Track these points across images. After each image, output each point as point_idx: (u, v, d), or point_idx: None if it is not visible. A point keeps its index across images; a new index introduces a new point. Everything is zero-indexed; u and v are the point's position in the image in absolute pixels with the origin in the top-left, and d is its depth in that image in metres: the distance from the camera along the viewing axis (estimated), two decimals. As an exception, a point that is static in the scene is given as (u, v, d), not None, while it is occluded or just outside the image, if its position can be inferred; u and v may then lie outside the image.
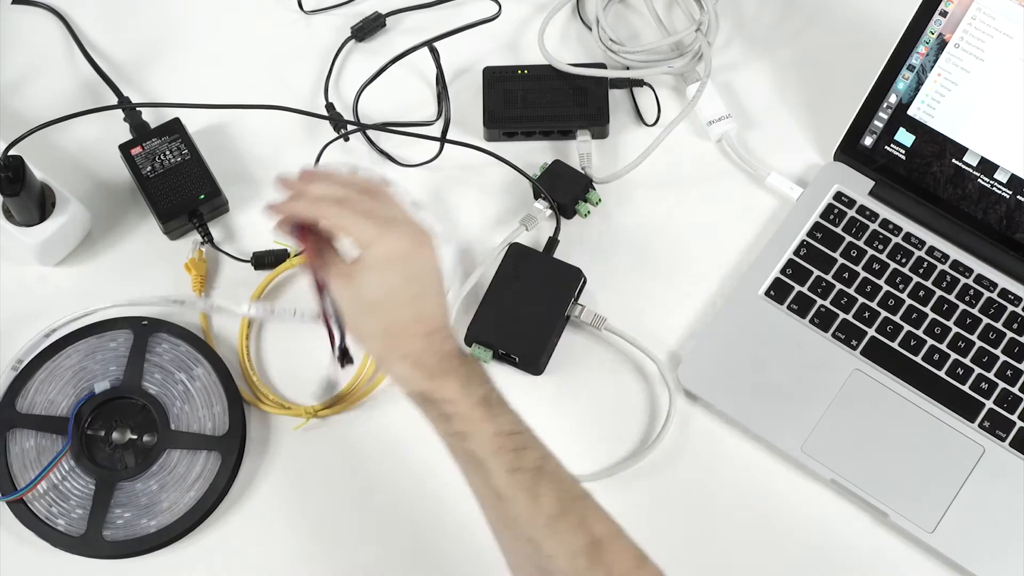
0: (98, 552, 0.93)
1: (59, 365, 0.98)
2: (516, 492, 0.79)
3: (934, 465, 0.96)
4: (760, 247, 1.04)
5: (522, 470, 0.79)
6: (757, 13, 1.16)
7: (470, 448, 0.80)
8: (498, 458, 0.79)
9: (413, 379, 0.82)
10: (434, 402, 0.81)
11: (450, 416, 0.81)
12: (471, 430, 0.80)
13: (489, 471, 0.79)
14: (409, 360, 0.82)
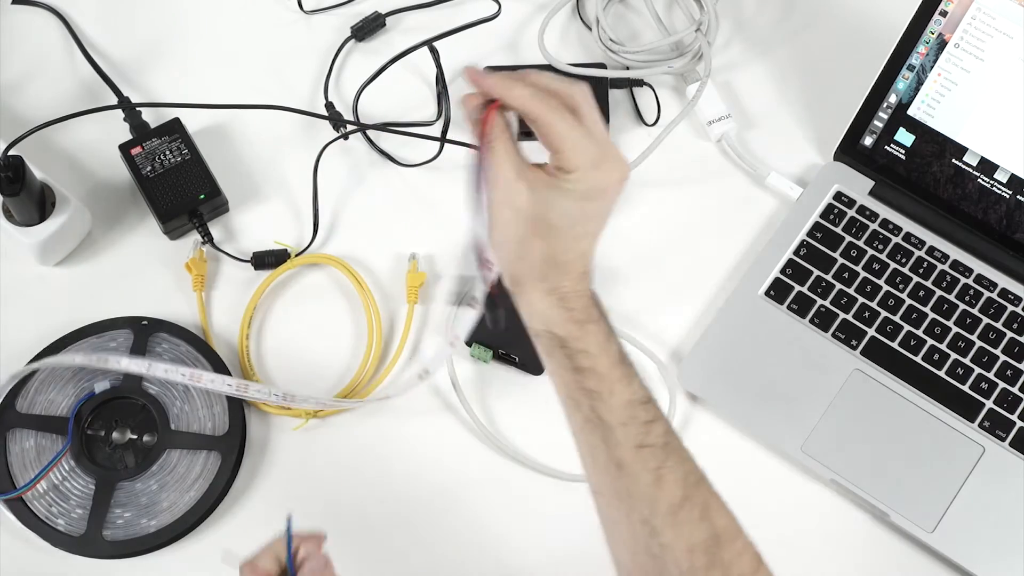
0: (98, 552, 0.93)
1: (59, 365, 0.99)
2: (640, 469, 0.73)
3: (934, 465, 0.96)
4: (760, 247, 1.04)
5: (650, 447, 0.73)
6: (757, 13, 1.16)
7: (599, 410, 0.74)
8: (627, 429, 0.73)
9: (555, 319, 0.75)
10: (570, 351, 0.75)
11: (585, 370, 0.74)
12: (605, 391, 0.74)
13: (616, 441, 0.73)
14: (556, 296, 0.75)
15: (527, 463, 0.98)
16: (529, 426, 0.99)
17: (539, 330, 0.76)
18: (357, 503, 0.96)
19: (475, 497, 0.97)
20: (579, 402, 0.75)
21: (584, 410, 0.75)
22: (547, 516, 0.96)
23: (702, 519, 0.73)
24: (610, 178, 0.74)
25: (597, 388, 0.74)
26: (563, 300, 0.74)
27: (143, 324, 1.00)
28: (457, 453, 0.98)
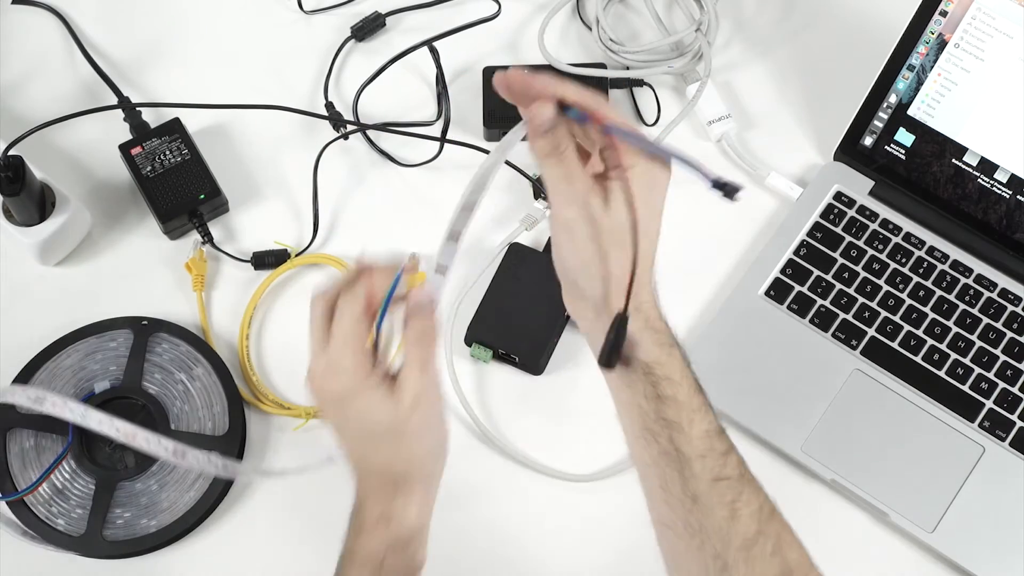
0: (98, 552, 0.93)
1: (59, 365, 0.98)
2: (716, 503, 0.70)
3: (934, 465, 0.96)
4: (760, 247, 1.04)
5: (726, 479, 0.71)
6: (757, 13, 1.16)
7: (678, 442, 0.70)
8: (705, 462, 0.70)
9: (643, 343, 0.71)
10: (655, 378, 0.71)
11: (667, 399, 0.71)
12: (685, 421, 0.70)
13: (693, 474, 0.70)
14: (642, 317, 0.71)
15: (527, 463, 0.98)
16: (529, 426, 0.99)
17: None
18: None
19: (475, 497, 0.97)
20: (656, 434, 0.71)
21: (662, 442, 0.71)
22: (547, 516, 0.96)
23: (774, 554, 0.70)
24: (662, 169, 0.70)
25: (677, 418, 0.71)
26: (648, 321, 0.71)
27: (143, 324, 1.00)
28: (457, 453, 0.98)
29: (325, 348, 0.71)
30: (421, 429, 0.72)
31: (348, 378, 0.71)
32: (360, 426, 0.72)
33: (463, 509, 0.96)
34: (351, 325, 0.71)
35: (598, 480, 0.97)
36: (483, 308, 1.01)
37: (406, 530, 0.73)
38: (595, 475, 0.97)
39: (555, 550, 0.95)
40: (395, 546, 0.73)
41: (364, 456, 0.74)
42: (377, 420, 0.71)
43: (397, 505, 0.73)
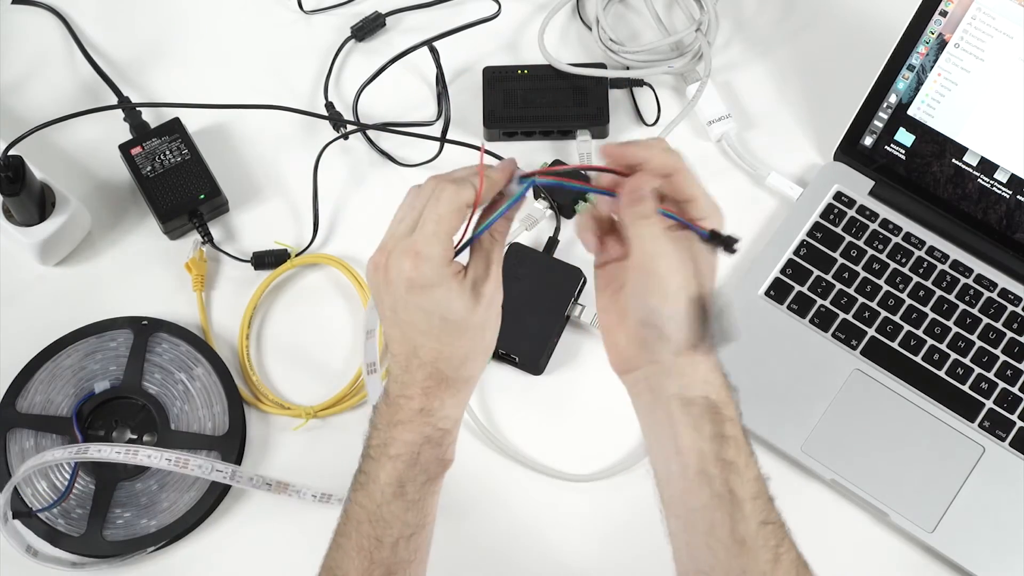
0: (98, 552, 0.93)
1: (59, 365, 0.98)
2: (761, 547, 0.71)
3: (934, 465, 0.96)
4: (760, 247, 1.04)
5: (773, 523, 0.71)
6: (757, 13, 1.16)
7: (732, 484, 0.71)
8: (756, 504, 0.71)
9: (715, 383, 0.72)
10: (720, 418, 0.72)
11: (728, 439, 0.71)
12: (741, 462, 0.71)
13: (744, 516, 0.71)
14: (713, 358, 0.73)
15: (527, 463, 0.98)
16: (529, 426, 0.99)
17: (694, 397, 0.72)
18: (357, 503, 0.96)
19: (475, 496, 0.97)
20: (712, 477, 0.71)
21: (716, 485, 0.71)
22: (546, 516, 0.96)
23: None
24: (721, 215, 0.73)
25: (735, 459, 0.71)
26: (716, 361, 0.73)
27: (143, 324, 1.00)
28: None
29: (411, 230, 0.72)
30: (484, 327, 0.74)
31: (431, 267, 0.71)
32: (428, 316, 0.73)
33: (463, 508, 0.96)
34: (449, 213, 0.72)
35: (598, 480, 0.97)
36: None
37: (442, 426, 0.75)
38: (595, 475, 0.97)
39: (555, 550, 0.95)
40: (430, 441, 0.75)
41: (418, 346, 0.74)
42: (453, 310, 0.72)
43: (438, 401, 0.74)
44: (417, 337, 0.73)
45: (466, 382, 0.76)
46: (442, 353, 0.74)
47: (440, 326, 0.73)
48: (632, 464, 0.97)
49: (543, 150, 1.10)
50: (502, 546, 0.95)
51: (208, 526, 0.95)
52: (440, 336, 0.73)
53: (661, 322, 0.72)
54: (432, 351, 0.73)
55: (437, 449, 0.75)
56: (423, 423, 0.74)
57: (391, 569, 0.74)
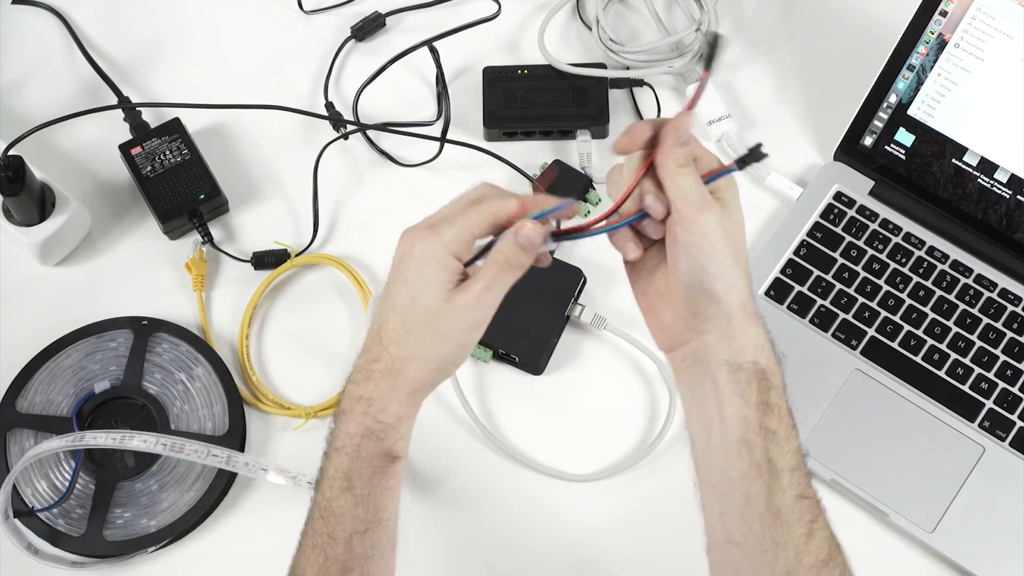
0: (98, 552, 0.93)
1: (59, 365, 0.98)
2: (796, 521, 0.71)
3: (934, 465, 0.96)
4: (760, 247, 1.04)
5: (809, 498, 0.72)
6: (757, 13, 1.16)
7: (772, 454, 0.71)
8: (794, 476, 0.71)
9: (764, 348, 0.72)
10: (767, 384, 0.71)
11: (772, 407, 0.71)
12: (783, 432, 0.71)
13: (781, 486, 0.71)
14: (761, 325, 0.72)
15: (527, 463, 0.98)
16: (529, 426, 0.99)
17: (743, 362, 0.72)
18: (357, 503, 0.96)
19: (474, 496, 0.97)
20: (753, 445, 0.71)
21: (756, 454, 0.71)
22: (546, 516, 0.96)
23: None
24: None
25: (777, 428, 0.71)
26: (763, 330, 0.72)
27: (143, 324, 1.00)
28: (457, 453, 0.98)
29: (445, 214, 0.73)
30: (445, 335, 0.73)
31: (436, 244, 0.72)
32: (407, 290, 0.72)
33: (463, 508, 0.96)
34: (480, 214, 0.72)
35: (598, 480, 0.97)
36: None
37: (383, 419, 0.73)
38: (595, 475, 0.97)
39: (554, 549, 0.95)
40: (372, 434, 0.73)
41: (385, 323, 0.73)
42: (424, 297, 0.72)
43: (379, 391, 0.73)
44: (389, 313, 0.73)
45: (409, 382, 0.74)
46: (399, 340, 0.73)
47: (409, 307, 0.72)
48: (632, 464, 0.97)
49: (543, 150, 1.10)
50: (502, 546, 0.95)
51: (208, 526, 0.95)
52: (405, 319, 0.73)
53: (711, 281, 0.71)
54: (392, 332, 0.73)
55: (379, 443, 0.74)
56: (363, 413, 0.74)
57: (347, 565, 0.73)
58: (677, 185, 0.71)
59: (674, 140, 0.70)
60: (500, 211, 0.72)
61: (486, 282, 0.72)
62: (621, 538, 0.95)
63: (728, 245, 0.70)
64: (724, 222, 0.71)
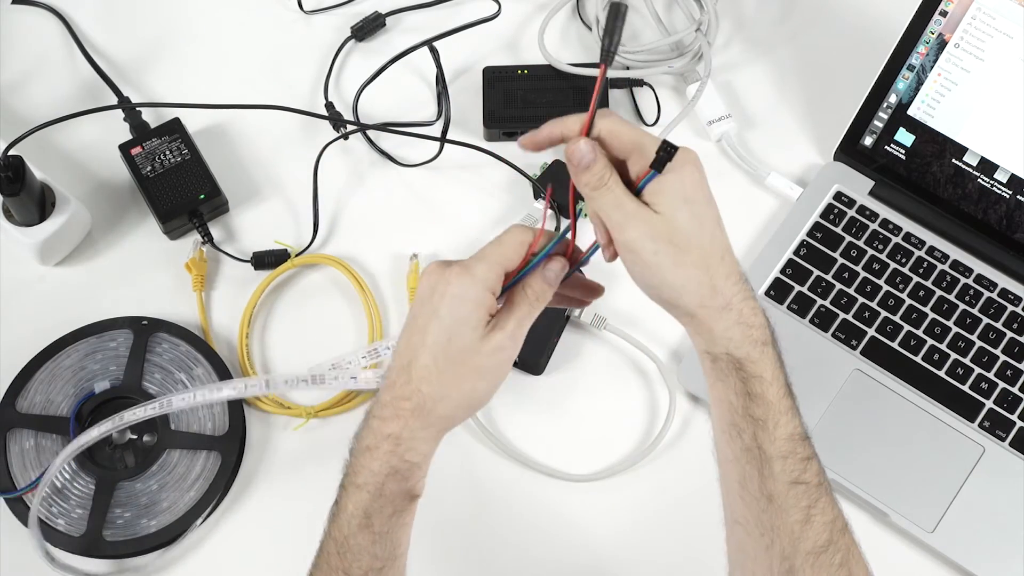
0: (98, 552, 0.93)
1: (59, 365, 0.98)
2: (791, 506, 0.72)
3: (934, 465, 0.96)
4: (760, 247, 1.04)
5: (804, 484, 0.72)
6: (757, 13, 1.16)
7: (761, 440, 0.72)
8: (786, 463, 0.72)
9: (736, 338, 0.72)
10: (746, 374, 0.72)
11: (756, 396, 0.72)
12: (771, 421, 0.72)
13: (772, 473, 0.72)
14: (733, 314, 0.72)
15: (527, 463, 0.98)
16: (529, 426, 0.99)
17: (718, 353, 0.73)
18: (357, 503, 0.96)
19: (474, 496, 0.97)
20: (742, 430, 0.73)
21: (746, 439, 0.72)
22: (546, 516, 0.96)
23: (842, 566, 0.72)
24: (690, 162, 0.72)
25: (763, 416, 0.72)
26: (741, 316, 0.72)
27: (143, 324, 1.00)
28: (457, 453, 0.98)
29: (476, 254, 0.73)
30: (479, 374, 0.73)
31: (471, 282, 0.72)
32: (440, 329, 0.72)
33: (462, 508, 0.96)
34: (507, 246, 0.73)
35: (598, 480, 0.97)
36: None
37: (409, 458, 0.73)
38: (595, 475, 0.97)
39: (554, 549, 0.95)
40: (397, 473, 0.73)
41: (415, 360, 0.73)
42: (461, 334, 0.72)
43: (408, 430, 0.73)
44: (419, 349, 0.73)
45: (441, 419, 0.74)
46: (431, 378, 0.72)
47: (444, 345, 0.72)
48: (632, 464, 0.97)
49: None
50: (502, 545, 0.95)
51: (208, 526, 0.95)
52: (437, 357, 0.72)
53: (655, 292, 0.73)
54: (424, 369, 0.72)
55: (403, 483, 0.73)
56: (390, 452, 0.73)
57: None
58: (596, 210, 0.72)
59: (575, 169, 0.71)
60: (525, 239, 0.74)
61: (519, 319, 0.73)
62: (621, 538, 0.95)
63: (667, 252, 0.70)
64: (656, 232, 0.71)
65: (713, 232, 0.72)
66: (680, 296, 0.72)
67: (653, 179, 0.71)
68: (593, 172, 0.71)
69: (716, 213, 0.73)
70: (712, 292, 0.72)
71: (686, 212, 0.71)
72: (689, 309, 0.72)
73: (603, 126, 0.72)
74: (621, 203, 0.71)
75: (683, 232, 0.71)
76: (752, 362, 0.72)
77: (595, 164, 0.71)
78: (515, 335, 0.73)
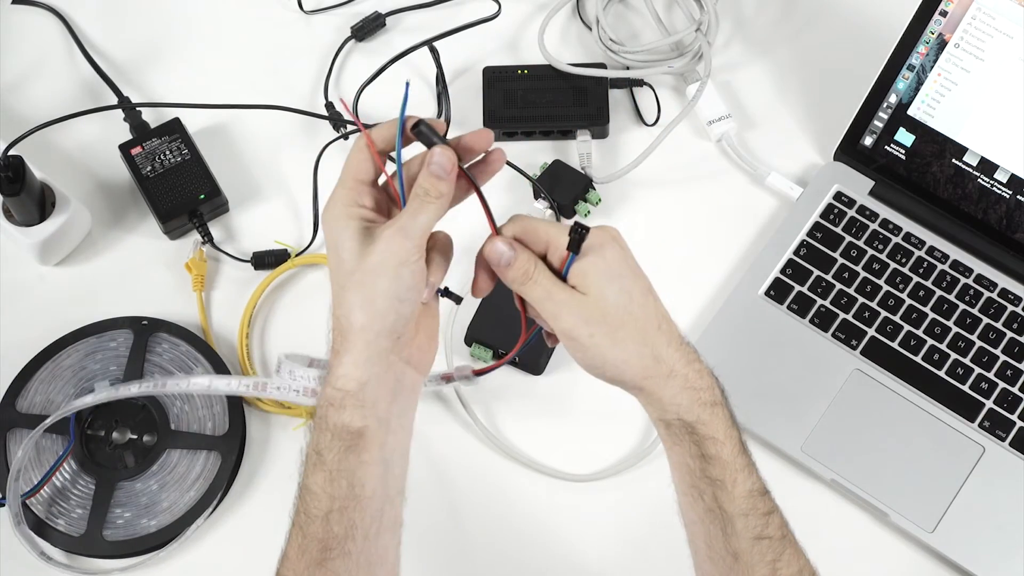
0: (98, 552, 0.93)
1: (59, 365, 0.98)
2: (757, 562, 0.72)
3: (934, 465, 0.96)
4: (760, 247, 1.04)
5: (768, 539, 0.73)
6: (757, 13, 1.16)
7: (721, 500, 0.73)
8: (747, 520, 0.73)
9: (684, 403, 0.73)
10: (698, 437, 0.73)
11: (711, 458, 0.73)
12: (728, 480, 0.73)
13: (735, 532, 0.72)
14: (679, 380, 0.73)
15: (527, 463, 0.98)
16: (529, 426, 0.99)
17: (670, 419, 0.74)
18: (357, 503, 0.96)
19: (475, 497, 0.97)
20: (702, 491, 0.73)
21: (707, 500, 0.73)
22: (547, 516, 0.96)
23: None
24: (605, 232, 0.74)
25: (721, 477, 0.73)
26: (687, 381, 0.73)
27: (143, 324, 1.00)
28: (457, 453, 0.98)
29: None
30: (375, 272, 0.72)
31: (333, 205, 0.73)
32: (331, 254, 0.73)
33: (463, 508, 0.96)
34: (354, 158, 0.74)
35: (598, 480, 0.97)
36: (483, 308, 1.01)
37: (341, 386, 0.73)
38: (595, 475, 0.97)
39: (554, 549, 0.95)
40: (333, 403, 0.73)
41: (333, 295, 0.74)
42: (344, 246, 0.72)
43: (336, 358, 0.73)
44: (332, 285, 0.74)
45: (359, 335, 0.72)
46: (338, 298, 0.73)
47: (337, 266, 0.73)
48: (632, 464, 0.97)
49: (543, 150, 1.10)
50: (501, 546, 0.95)
51: (209, 526, 0.95)
52: (337, 278, 0.73)
53: (600, 373, 0.74)
54: (334, 298, 0.73)
55: (341, 412, 0.73)
56: (327, 385, 0.73)
57: (325, 544, 0.72)
58: (530, 300, 0.74)
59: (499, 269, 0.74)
60: (363, 147, 0.73)
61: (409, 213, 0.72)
62: (621, 538, 0.95)
63: (603, 332, 0.72)
64: (588, 315, 0.72)
65: (644, 304, 0.74)
66: (623, 372, 0.73)
67: (574, 262, 0.73)
68: (516, 268, 0.73)
69: (645, 284, 0.75)
70: (655, 362, 0.73)
71: (614, 289, 0.72)
72: (635, 383, 0.74)
73: (514, 230, 0.75)
74: (550, 293, 0.73)
75: (614, 309, 0.72)
76: (703, 424, 0.73)
77: (516, 260, 0.73)
78: (405, 229, 0.71)
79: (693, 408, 0.73)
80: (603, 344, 0.72)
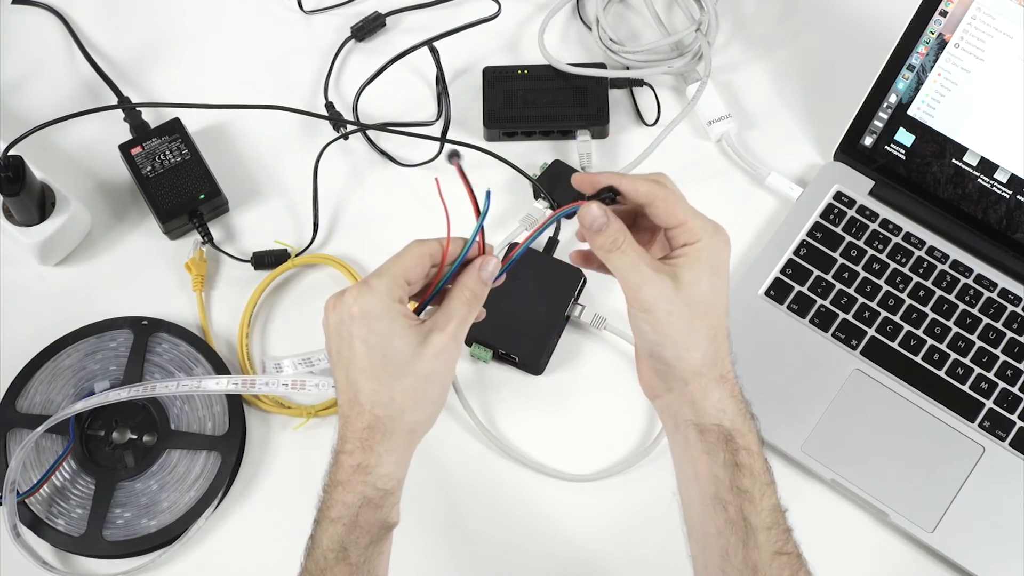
0: (98, 552, 0.93)
1: (59, 365, 0.98)
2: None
3: (934, 465, 0.96)
4: (760, 247, 1.04)
5: (787, 555, 0.73)
6: (757, 13, 1.16)
7: (747, 512, 0.73)
8: (770, 534, 0.73)
9: (729, 410, 0.74)
10: (735, 447, 0.73)
11: (743, 468, 0.73)
12: (757, 492, 0.73)
13: (757, 544, 0.72)
14: (728, 387, 0.74)
15: (527, 463, 0.98)
16: (529, 426, 0.99)
17: (707, 424, 0.74)
18: (357, 503, 0.96)
19: (475, 497, 0.97)
20: (727, 503, 0.73)
21: (731, 511, 0.73)
22: (546, 515, 0.96)
23: None
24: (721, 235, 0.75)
25: (750, 488, 0.73)
26: (732, 391, 0.74)
27: (143, 324, 1.00)
28: (457, 452, 0.98)
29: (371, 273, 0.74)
30: (430, 378, 0.73)
31: (375, 297, 0.72)
32: (369, 350, 0.72)
33: (463, 509, 0.96)
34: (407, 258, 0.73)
35: (598, 480, 0.97)
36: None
37: (382, 486, 0.73)
38: (595, 475, 0.97)
39: (554, 549, 0.95)
40: (370, 503, 0.73)
41: (359, 390, 0.73)
42: (394, 347, 0.72)
43: (375, 456, 0.73)
44: (358, 378, 0.73)
45: (407, 434, 0.74)
46: (381, 397, 0.72)
47: (381, 364, 0.72)
48: (632, 464, 0.97)
49: (543, 150, 1.10)
50: (501, 546, 0.95)
51: (208, 526, 0.95)
52: (380, 376, 0.72)
53: (659, 350, 0.74)
54: (371, 393, 0.72)
55: (378, 511, 0.74)
56: (361, 482, 0.73)
57: None
58: (613, 269, 0.74)
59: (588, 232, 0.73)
60: (425, 250, 0.74)
61: (459, 319, 0.73)
62: (621, 538, 0.95)
63: (682, 314, 0.72)
64: (673, 295, 0.72)
65: (725, 309, 0.75)
66: (683, 359, 0.73)
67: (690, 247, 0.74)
68: (606, 235, 0.73)
69: (728, 292, 0.75)
70: (713, 362, 0.74)
71: (709, 282, 0.73)
72: (685, 374, 0.74)
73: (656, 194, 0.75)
74: (636, 266, 0.73)
75: (701, 299, 0.73)
76: (742, 434, 0.74)
77: (607, 228, 0.73)
78: (456, 335, 0.73)
79: (736, 417, 0.74)
80: (678, 325, 0.72)
